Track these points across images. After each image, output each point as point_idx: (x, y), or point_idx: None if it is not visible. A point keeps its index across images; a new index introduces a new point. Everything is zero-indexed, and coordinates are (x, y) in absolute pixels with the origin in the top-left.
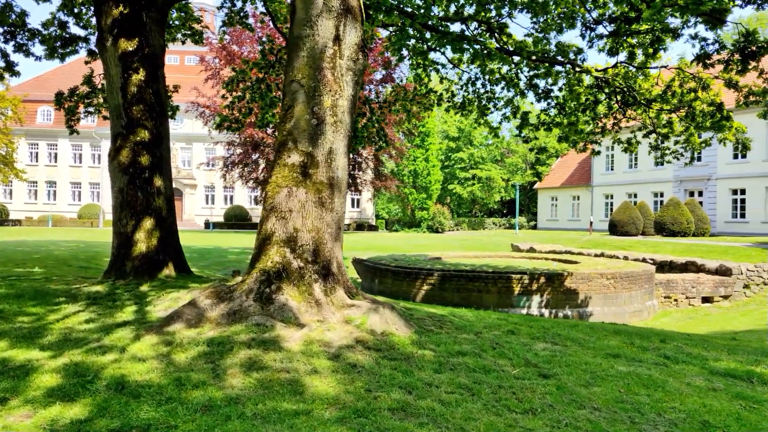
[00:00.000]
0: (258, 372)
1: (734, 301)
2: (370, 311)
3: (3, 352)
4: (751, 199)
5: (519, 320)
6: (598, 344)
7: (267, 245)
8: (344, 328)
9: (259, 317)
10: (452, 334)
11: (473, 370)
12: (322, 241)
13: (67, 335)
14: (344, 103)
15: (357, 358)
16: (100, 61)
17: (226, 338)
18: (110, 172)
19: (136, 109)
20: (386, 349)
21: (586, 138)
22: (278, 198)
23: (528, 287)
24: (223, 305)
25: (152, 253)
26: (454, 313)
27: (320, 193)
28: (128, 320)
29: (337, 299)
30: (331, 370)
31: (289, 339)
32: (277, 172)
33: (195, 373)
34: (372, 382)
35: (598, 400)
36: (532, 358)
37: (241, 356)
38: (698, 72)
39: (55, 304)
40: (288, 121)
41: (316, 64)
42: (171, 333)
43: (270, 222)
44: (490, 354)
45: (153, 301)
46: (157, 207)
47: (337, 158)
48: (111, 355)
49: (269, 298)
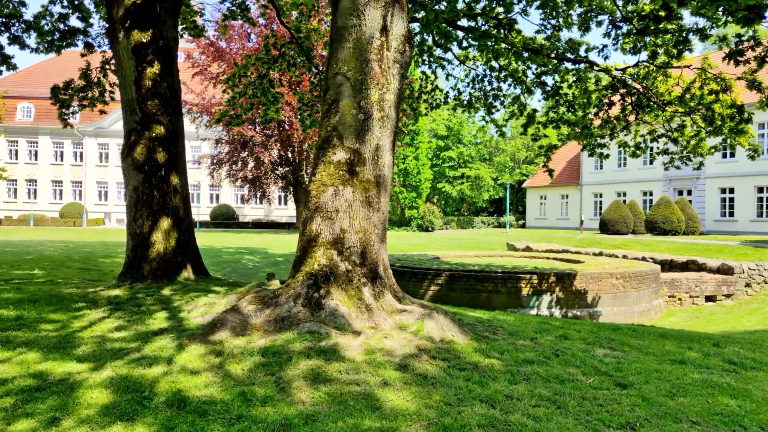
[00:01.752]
0: (325, 385)
1: (736, 299)
2: (425, 317)
3: (38, 365)
4: (739, 198)
5: (561, 323)
6: (655, 349)
7: (313, 247)
8: (401, 336)
9: (311, 324)
10: (509, 341)
11: (547, 380)
12: (370, 242)
13: (102, 345)
14: (391, 97)
15: (425, 368)
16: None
17: (280, 347)
18: (124, 170)
19: (150, 103)
20: (452, 359)
21: (595, 142)
22: (324, 197)
23: (538, 287)
24: (269, 311)
25: (170, 254)
26: (496, 318)
27: (367, 192)
28: (164, 328)
29: (386, 304)
30: (402, 381)
31: (348, 347)
32: (321, 169)
33: (258, 386)
34: (449, 395)
35: (690, 413)
36: (599, 366)
37: (302, 367)
38: (720, 72)
39: (75, 310)
40: (332, 115)
41: (362, 56)
42: (218, 342)
43: (315, 222)
44: (555, 362)
45: (181, 306)
46: (174, 206)
47: (383, 155)
48: (159, 367)
49: (318, 303)
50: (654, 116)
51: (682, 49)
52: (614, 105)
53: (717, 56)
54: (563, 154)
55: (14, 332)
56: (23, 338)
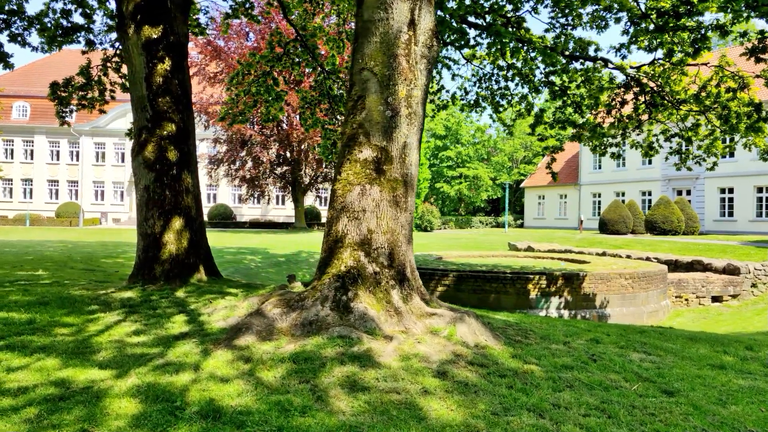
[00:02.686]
0: (364, 393)
1: (742, 300)
2: (456, 321)
3: (58, 372)
4: (739, 198)
5: (588, 326)
6: (689, 353)
7: (339, 248)
8: (435, 341)
9: (341, 328)
10: (543, 345)
11: (591, 387)
12: (397, 243)
13: (122, 350)
14: (418, 93)
15: (465, 375)
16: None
17: (311, 353)
18: (134, 169)
19: (162, 101)
20: (490, 365)
21: (606, 142)
22: (350, 197)
23: (547, 288)
24: (295, 315)
25: (182, 255)
26: (522, 321)
27: (395, 191)
28: (185, 332)
29: (415, 307)
30: (443, 389)
31: (382, 353)
32: (347, 168)
33: (293, 395)
34: (494, 403)
35: (747, 422)
36: (640, 371)
37: (336, 374)
38: (738, 70)
39: (89, 313)
40: (358, 112)
41: (390, 51)
42: (244, 347)
43: (341, 223)
44: (593, 367)
45: (199, 309)
46: (187, 206)
47: (411, 153)
48: (186, 374)
49: (347, 306)
50: (668, 115)
51: (700, 47)
52: (627, 104)
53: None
54: (562, 154)
55: (29, 336)
56: (39, 343)
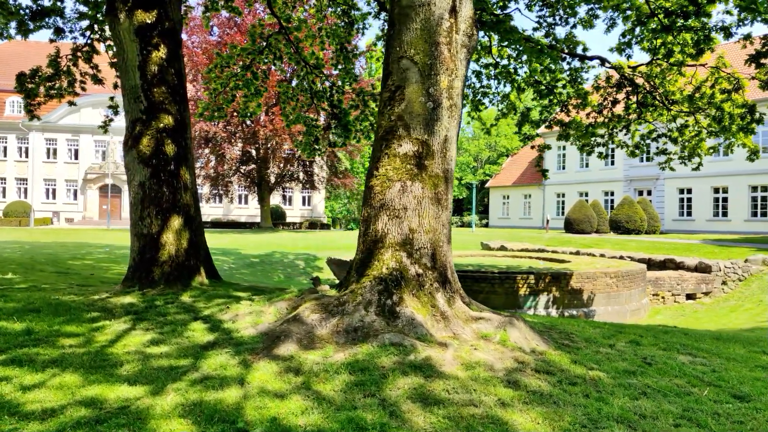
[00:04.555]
0: (438, 407)
1: (714, 297)
2: (505, 325)
3: (82, 389)
4: (697, 198)
5: (615, 327)
6: (730, 354)
7: (379, 248)
8: (490, 347)
9: (391, 335)
10: (592, 349)
11: (665, 394)
12: (439, 243)
13: (146, 362)
14: (459, 84)
15: (536, 383)
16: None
17: (366, 363)
18: (127, 164)
19: (157, 91)
20: (556, 372)
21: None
22: (390, 194)
23: (535, 287)
24: (335, 320)
25: (182, 257)
26: (552, 323)
27: (436, 187)
28: (212, 341)
29: (459, 311)
30: (520, 400)
31: (443, 362)
32: (386, 163)
33: (363, 411)
34: (578, 414)
35: None
36: (699, 375)
37: (402, 386)
38: (734, 71)
39: (91, 321)
40: (397, 103)
41: (431, 39)
42: (288, 357)
43: (381, 221)
44: (652, 371)
45: (215, 315)
46: (185, 204)
47: (451, 148)
48: (232, 389)
49: (392, 311)
50: (658, 115)
51: (704, 48)
52: (618, 103)
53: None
54: (526, 155)
55: (33, 349)
56: (47, 356)
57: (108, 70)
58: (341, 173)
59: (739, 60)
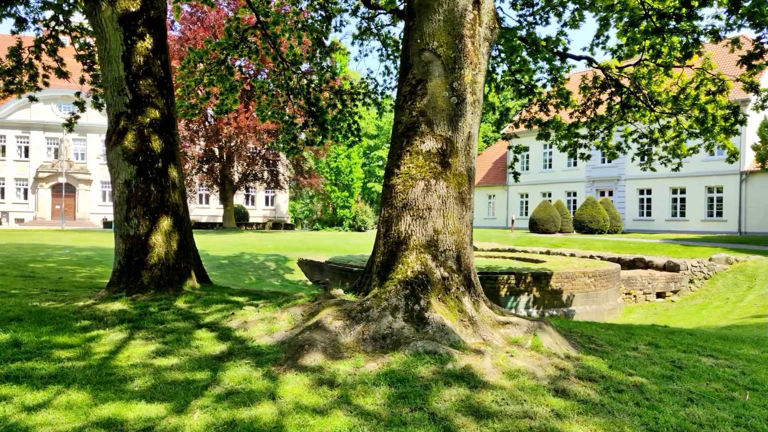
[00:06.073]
0: (493, 420)
1: (682, 295)
2: (536, 330)
3: (95, 409)
4: (656, 199)
5: (628, 329)
6: (748, 355)
7: (403, 251)
8: (526, 354)
9: (424, 343)
10: (621, 352)
11: (711, 401)
12: (464, 245)
13: (158, 376)
14: (482, 79)
15: (585, 392)
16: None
17: (404, 373)
18: (110, 161)
19: (143, 83)
20: (597, 378)
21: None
22: (413, 193)
23: (516, 287)
24: (360, 327)
25: (172, 259)
26: (567, 325)
27: (460, 187)
28: (226, 351)
29: (485, 315)
30: (574, 411)
31: (484, 371)
32: (408, 161)
33: (415, 427)
34: (636, 425)
35: None
36: (734, 379)
37: (448, 398)
38: (719, 73)
39: (82, 330)
40: (419, 98)
41: (455, 31)
42: (316, 368)
43: (404, 222)
44: (688, 376)
45: (221, 323)
46: (174, 203)
47: (474, 145)
48: (265, 405)
49: (421, 316)
50: (640, 116)
51: (692, 51)
52: (602, 104)
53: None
54: (489, 155)
55: (26, 363)
56: (45, 371)
57: (73, 63)
58: (307, 172)
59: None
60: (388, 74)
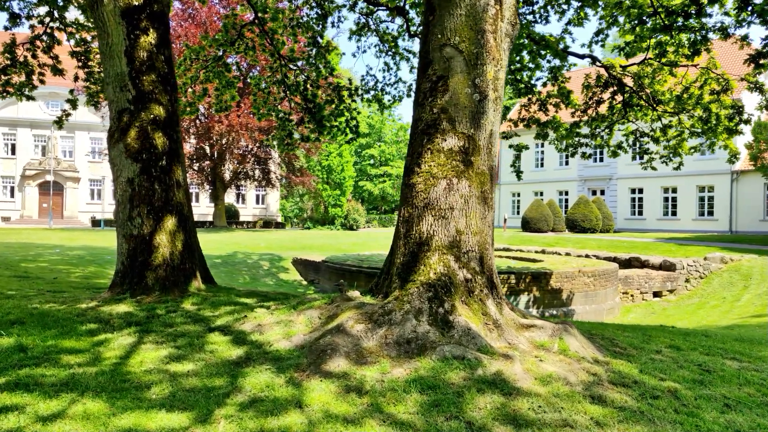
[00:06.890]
0: (533, 429)
1: (678, 295)
2: (561, 333)
3: (114, 419)
4: (648, 198)
5: (641, 330)
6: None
7: (425, 251)
8: (555, 358)
9: (451, 347)
10: (646, 356)
11: (749, 407)
12: (486, 246)
13: (175, 383)
14: (503, 76)
15: (621, 398)
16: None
17: (434, 380)
18: (113, 158)
19: (146, 79)
20: (630, 384)
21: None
22: (435, 192)
23: (516, 287)
24: (383, 331)
25: (177, 260)
26: (589, 328)
27: (483, 186)
28: (244, 356)
29: (509, 318)
30: (614, 418)
31: (515, 376)
32: (429, 159)
33: None
34: None
35: None
36: (762, 382)
37: (483, 405)
38: (723, 73)
39: (89, 334)
40: (440, 95)
41: (477, 26)
42: (341, 374)
43: (426, 222)
44: (718, 380)
45: (233, 326)
46: (179, 202)
47: (495, 144)
48: (293, 414)
49: (445, 320)
50: (642, 115)
51: (699, 49)
52: (603, 103)
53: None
54: None
55: (35, 369)
56: (55, 378)
57: (66, 60)
58: (298, 171)
59: (727, 61)
60: (388, 70)
